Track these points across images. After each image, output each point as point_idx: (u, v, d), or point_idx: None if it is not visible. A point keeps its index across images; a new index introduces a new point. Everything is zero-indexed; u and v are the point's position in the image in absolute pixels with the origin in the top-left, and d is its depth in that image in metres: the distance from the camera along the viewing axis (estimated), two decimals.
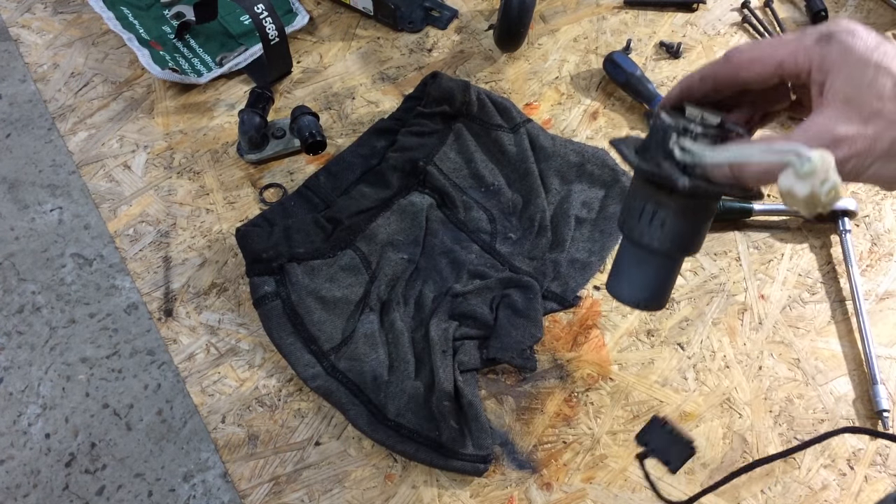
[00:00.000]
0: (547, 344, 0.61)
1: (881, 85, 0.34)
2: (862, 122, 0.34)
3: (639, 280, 0.47)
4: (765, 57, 0.38)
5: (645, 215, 0.43)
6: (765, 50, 0.38)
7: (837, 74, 0.35)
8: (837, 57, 0.35)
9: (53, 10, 0.86)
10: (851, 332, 0.62)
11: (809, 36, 0.36)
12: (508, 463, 0.56)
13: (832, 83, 0.35)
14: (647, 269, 0.46)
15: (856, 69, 0.35)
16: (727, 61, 0.39)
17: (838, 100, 0.35)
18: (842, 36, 0.35)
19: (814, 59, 0.36)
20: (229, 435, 0.58)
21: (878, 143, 0.34)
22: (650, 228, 0.43)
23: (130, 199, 0.71)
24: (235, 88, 0.78)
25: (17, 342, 1.53)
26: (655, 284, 0.47)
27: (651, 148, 0.41)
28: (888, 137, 0.34)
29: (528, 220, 0.67)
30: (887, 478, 0.55)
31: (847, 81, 0.35)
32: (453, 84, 0.70)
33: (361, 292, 0.63)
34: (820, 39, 0.36)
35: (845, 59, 0.35)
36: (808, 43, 0.36)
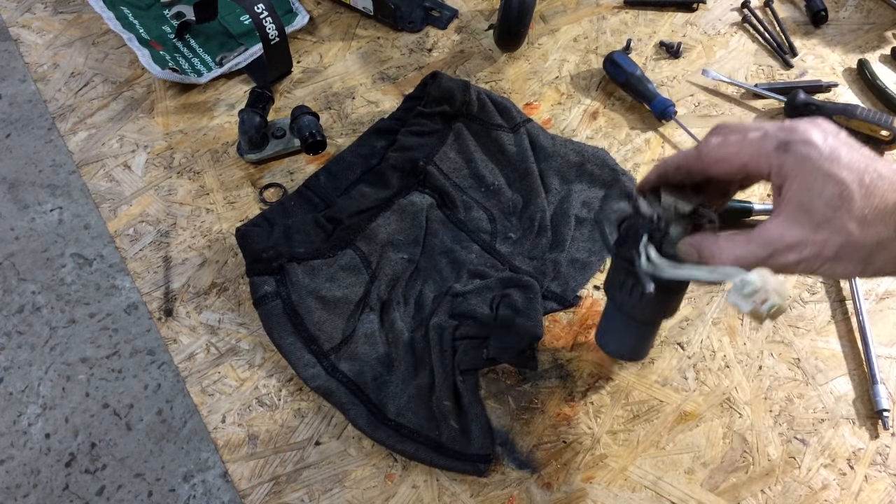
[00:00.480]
0: (547, 344, 0.61)
1: (830, 194, 0.37)
2: (812, 228, 0.38)
3: (621, 338, 0.55)
4: (731, 158, 0.41)
5: (625, 288, 0.50)
6: (731, 151, 0.41)
7: (792, 182, 0.38)
8: (793, 165, 0.38)
9: (53, 10, 0.86)
10: (851, 331, 0.62)
11: (770, 140, 0.39)
12: (508, 463, 0.56)
13: (788, 189, 0.39)
14: (629, 331, 0.54)
15: (808, 178, 0.38)
16: (699, 158, 0.43)
17: (792, 205, 0.38)
18: (798, 146, 0.38)
19: (773, 165, 0.39)
20: (229, 435, 0.58)
21: (826, 248, 0.38)
22: (630, 299, 0.50)
23: (130, 198, 0.71)
24: (235, 88, 0.78)
25: (17, 342, 1.53)
26: (636, 343, 0.55)
27: (628, 240, 0.47)
28: (834, 244, 0.38)
29: (528, 220, 0.67)
30: (887, 477, 0.55)
31: (800, 190, 0.38)
32: (453, 84, 0.70)
33: (361, 292, 0.63)
34: (779, 147, 0.39)
35: (800, 167, 0.38)
36: (768, 149, 0.39)
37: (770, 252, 0.39)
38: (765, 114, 0.75)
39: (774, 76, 0.78)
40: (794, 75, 0.78)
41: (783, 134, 0.39)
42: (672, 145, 0.73)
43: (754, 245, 0.40)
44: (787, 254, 0.39)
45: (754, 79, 0.78)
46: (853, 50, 0.80)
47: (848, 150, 0.38)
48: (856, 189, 0.37)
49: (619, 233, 0.49)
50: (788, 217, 0.39)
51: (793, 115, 0.73)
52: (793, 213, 0.38)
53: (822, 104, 0.72)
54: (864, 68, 0.77)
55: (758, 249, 0.40)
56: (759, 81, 0.77)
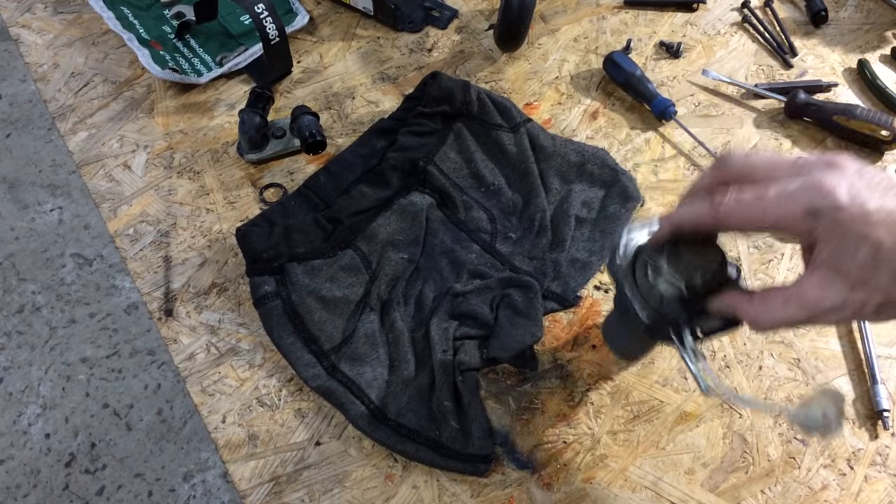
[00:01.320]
0: (547, 344, 0.61)
1: (864, 255, 0.36)
2: (850, 289, 0.37)
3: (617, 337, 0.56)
4: (754, 221, 0.39)
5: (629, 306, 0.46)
6: (753, 215, 0.39)
7: (825, 246, 0.37)
8: (824, 232, 0.37)
9: (53, 10, 0.86)
10: (851, 331, 0.62)
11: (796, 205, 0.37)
12: (508, 463, 0.56)
13: (820, 252, 0.38)
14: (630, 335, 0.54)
15: (841, 242, 0.37)
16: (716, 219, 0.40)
17: (826, 267, 0.38)
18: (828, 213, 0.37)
19: (801, 230, 0.38)
20: (229, 435, 0.58)
21: (866, 307, 0.38)
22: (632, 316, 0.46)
23: (130, 198, 0.71)
24: (235, 88, 0.78)
25: (17, 342, 1.53)
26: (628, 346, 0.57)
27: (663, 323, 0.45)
28: (874, 302, 0.37)
29: (528, 220, 0.67)
30: (887, 478, 0.55)
31: (834, 254, 0.37)
32: (453, 84, 0.70)
33: (362, 292, 0.63)
34: (807, 214, 0.37)
35: (833, 233, 0.37)
36: (796, 214, 0.37)
37: (809, 315, 0.39)
38: (765, 114, 0.75)
39: (774, 76, 0.78)
40: (794, 75, 0.78)
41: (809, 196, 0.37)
42: (672, 145, 0.73)
43: (793, 308, 0.39)
44: (827, 315, 0.38)
45: (754, 79, 0.78)
46: (853, 50, 0.80)
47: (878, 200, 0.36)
48: (889, 246, 0.36)
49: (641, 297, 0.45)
50: (824, 279, 0.38)
51: (793, 115, 0.73)
52: (827, 277, 0.38)
53: (822, 104, 0.72)
54: (864, 68, 0.77)
55: (797, 313, 0.39)
56: (759, 81, 0.77)
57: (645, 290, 0.45)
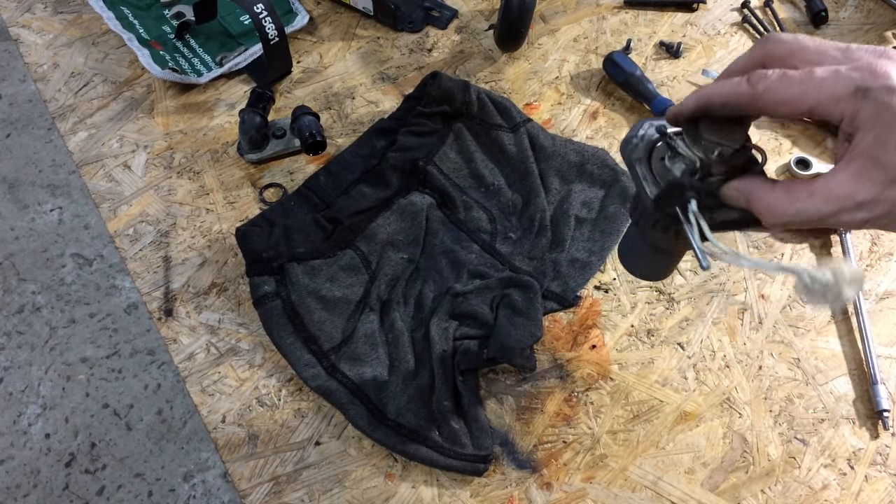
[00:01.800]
0: (547, 344, 0.61)
1: None
2: (886, 184, 0.34)
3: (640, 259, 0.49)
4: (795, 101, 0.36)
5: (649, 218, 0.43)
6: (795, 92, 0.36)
7: (868, 132, 0.34)
8: (871, 114, 0.34)
9: (53, 10, 0.86)
10: (851, 331, 0.62)
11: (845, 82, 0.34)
12: (508, 463, 0.56)
13: (861, 139, 0.34)
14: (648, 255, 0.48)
15: (887, 130, 0.34)
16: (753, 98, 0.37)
17: (864, 158, 0.34)
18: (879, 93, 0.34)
19: (845, 112, 0.35)
20: (229, 435, 0.58)
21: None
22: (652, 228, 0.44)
23: (130, 198, 0.71)
24: (235, 88, 0.78)
25: (17, 342, 1.53)
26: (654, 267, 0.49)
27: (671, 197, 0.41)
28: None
29: (528, 220, 0.67)
30: (887, 477, 0.55)
31: (876, 142, 0.34)
32: (453, 84, 0.70)
33: (361, 292, 0.63)
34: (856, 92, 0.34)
35: (879, 117, 0.34)
36: (843, 93, 0.35)
37: (836, 209, 0.35)
38: None
39: None
40: None
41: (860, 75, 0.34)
42: None
43: (818, 200, 0.35)
44: (855, 212, 0.35)
45: None
46: None
47: None
48: None
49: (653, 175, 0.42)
50: (858, 171, 0.34)
51: None
52: (864, 167, 0.34)
53: None
54: None
55: (822, 205, 0.35)
56: None
57: (659, 173, 0.41)
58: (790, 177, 0.71)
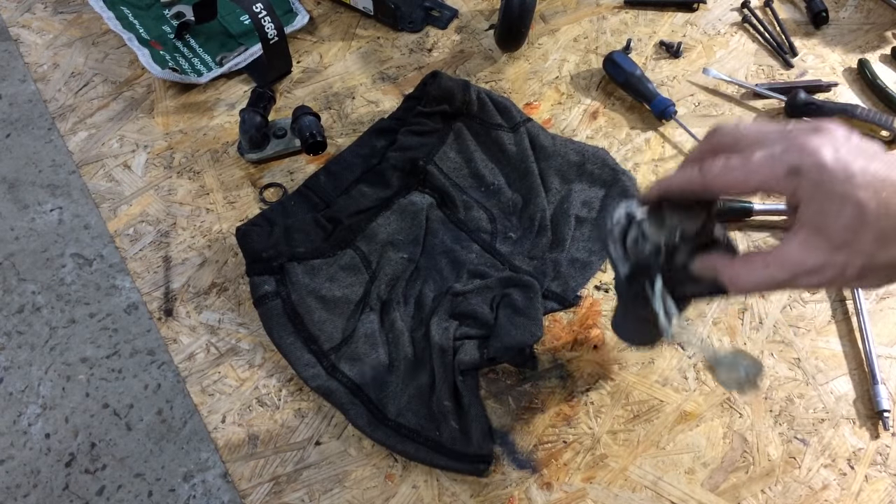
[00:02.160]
0: (547, 343, 0.61)
1: (847, 216, 0.36)
2: (832, 251, 0.37)
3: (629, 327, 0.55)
4: (739, 185, 0.39)
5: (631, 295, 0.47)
6: (738, 177, 0.39)
7: (807, 206, 0.37)
8: (807, 190, 0.37)
9: (53, 10, 0.86)
10: (852, 331, 0.62)
11: (779, 165, 0.37)
12: (508, 463, 0.56)
13: (803, 212, 0.37)
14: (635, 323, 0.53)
15: (823, 203, 0.36)
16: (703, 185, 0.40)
17: (809, 228, 0.37)
18: (810, 172, 0.36)
19: (786, 189, 0.37)
20: (229, 435, 0.58)
21: (847, 270, 0.37)
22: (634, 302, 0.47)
23: (130, 198, 0.71)
24: (235, 88, 0.78)
25: (17, 342, 1.53)
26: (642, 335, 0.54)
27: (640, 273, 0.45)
28: (856, 265, 0.36)
29: (528, 220, 0.67)
30: (887, 477, 0.55)
31: (816, 214, 0.37)
32: (453, 83, 0.70)
33: (361, 292, 0.63)
34: (789, 172, 0.37)
35: (814, 193, 0.36)
36: (778, 174, 0.37)
37: (790, 276, 0.38)
38: (765, 113, 0.75)
39: (774, 76, 0.78)
40: (795, 75, 0.78)
41: (792, 156, 0.37)
42: (672, 145, 0.73)
43: (774, 269, 0.39)
44: (808, 277, 0.38)
45: (754, 79, 0.78)
46: (853, 50, 0.80)
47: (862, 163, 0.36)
48: (873, 208, 0.35)
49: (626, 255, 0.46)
50: (805, 240, 0.38)
51: (793, 114, 0.73)
52: (810, 237, 0.37)
53: (822, 104, 0.72)
54: (865, 68, 0.77)
55: (778, 273, 0.39)
56: (760, 81, 0.77)
57: (633, 252, 0.45)
58: None
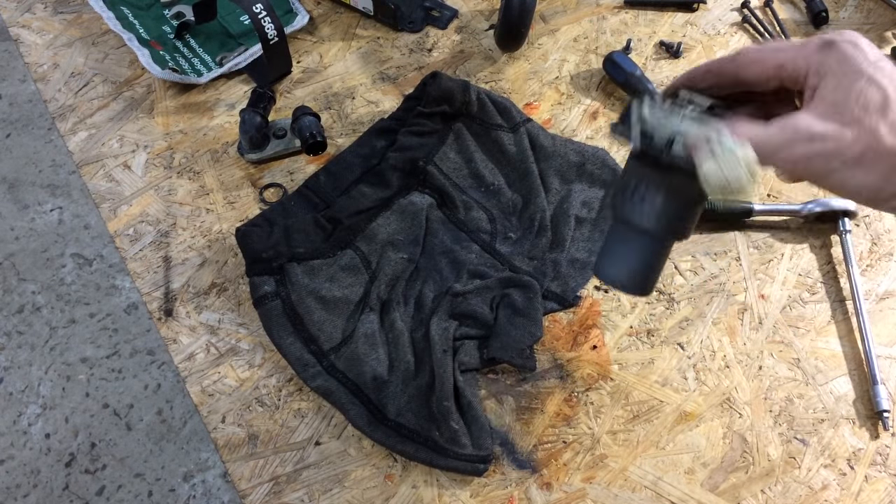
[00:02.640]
0: (547, 344, 0.61)
1: (869, 97, 0.35)
2: (840, 124, 0.36)
3: (622, 261, 0.46)
4: (766, 59, 0.39)
5: (631, 191, 0.44)
6: (767, 52, 0.39)
7: (831, 79, 0.37)
8: (834, 63, 0.36)
9: (53, 10, 0.86)
10: (852, 331, 0.62)
11: (812, 42, 0.38)
12: (508, 463, 0.56)
13: (824, 87, 0.37)
14: (632, 249, 0.45)
15: (848, 77, 0.36)
16: (732, 59, 0.41)
17: (825, 102, 0.36)
18: (843, 45, 0.36)
19: (812, 63, 0.37)
20: (229, 435, 0.58)
21: (849, 148, 0.35)
22: (635, 205, 0.44)
23: (130, 198, 0.71)
24: (235, 88, 0.78)
25: (17, 342, 1.53)
26: (639, 267, 0.46)
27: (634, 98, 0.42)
28: (860, 145, 0.35)
29: (528, 220, 0.67)
30: (887, 478, 0.55)
31: (837, 87, 0.36)
32: (453, 84, 0.70)
33: (361, 292, 0.63)
34: (822, 46, 0.37)
35: (841, 66, 0.36)
36: (809, 48, 0.38)
37: (789, 138, 0.37)
38: None
39: None
40: None
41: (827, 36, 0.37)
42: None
43: (775, 129, 0.37)
44: (807, 144, 0.36)
45: None
46: None
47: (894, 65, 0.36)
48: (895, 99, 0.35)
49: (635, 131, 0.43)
50: (818, 111, 0.36)
51: None
52: (824, 109, 0.36)
53: None
54: None
55: (777, 133, 0.37)
56: None
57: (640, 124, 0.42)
58: None
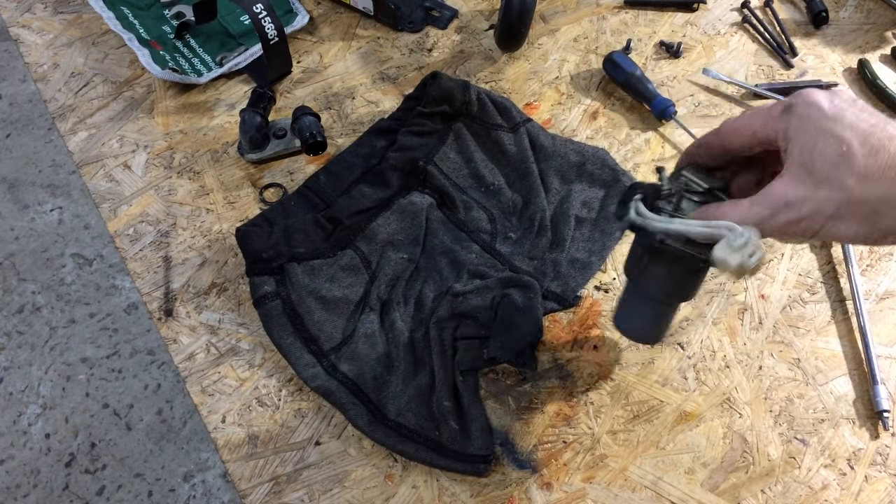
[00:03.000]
0: (547, 344, 0.61)
1: (830, 152, 0.37)
2: (813, 186, 0.38)
3: (636, 316, 0.54)
4: (743, 128, 0.43)
5: (637, 260, 0.50)
6: (743, 122, 0.43)
7: (796, 143, 0.39)
8: (796, 126, 0.39)
9: (53, 10, 0.86)
10: (852, 331, 0.62)
11: (776, 108, 0.41)
12: (508, 463, 0.56)
13: (791, 150, 0.39)
14: (644, 311, 0.53)
15: (809, 138, 0.38)
16: (716, 133, 0.44)
17: (795, 166, 0.39)
18: (800, 108, 0.39)
19: (778, 129, 0.40)
20: (229, 435, 0.58)
21: (826, 205, 0.38)
22: (642, 274, 0.50)
23: (130, 198, 0.71)
24: (235, 88, 0.78)
25: (17, 342, 1.53)
26: (648, 324, 0.54)
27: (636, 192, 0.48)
28: (834, 201, 0.38)
29: (528, 220, 0.67)
30: (887, 478, 0.55)
31: (802, 150, 0.39)
32: (453, 84, 0.70)
33: (361, 292, 0.63)
34: (783, 112, 0.40)
35: (802, 128, 0.39)
36: (774, 114, 0.40)
37: (771, 211, 0.40)
38: None
39: (774, 76, 0.78)
40: (795, 75, 0.78)
41: (788, 100, 0.40)
42: (672, 145, 0.73)
43: (757, 206, 0.40)
44: (787, 211, 0.39)
45: (754, 79, 0.78)
46: (853, 50, 0.80)
47: (856, 113, 0.38)
48: (857, 147, 0.37)
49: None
50: (790, 177, 0.39)
51: None
52: (795, 173, 0.39)
53: None
54: (865, 68, 0.77)
55: (760, 209, 0.40)
56: (760, 81, 0.77)
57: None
58: None
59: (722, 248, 0.41)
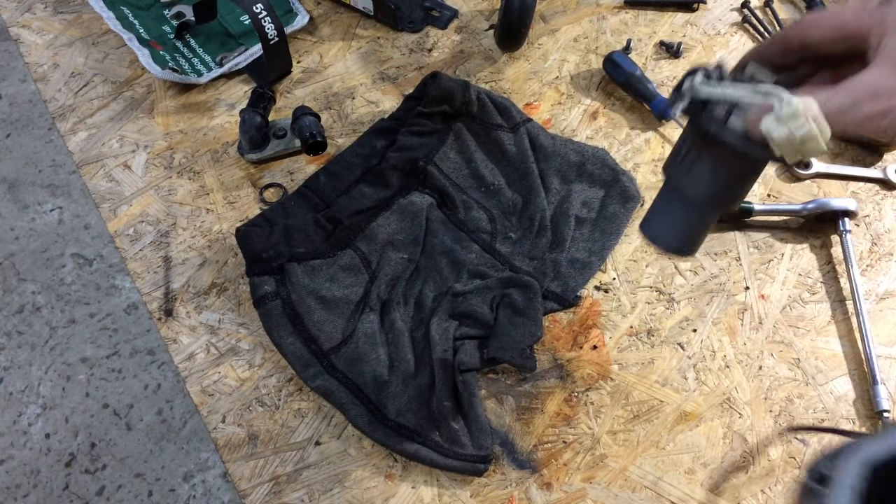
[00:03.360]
0: (547, 344, 0.61)
1: None
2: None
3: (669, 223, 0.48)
4: (830, 18, 0.39)
5: (681, 158, 0.45)
6: (829, 13, 0.39)
7: (892, 35, 0.36)
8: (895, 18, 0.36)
9: (53, 10, 0.86)
10: (852, 331, 0.62)
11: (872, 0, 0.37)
12: (508, 463, 0.56)
13: (887, 43, 0.36)
14: (678, 214, 0.47)
15: None
16: (796, 25, 0.41)
17: (889, 58, 0.36)
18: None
19: (873, 20, 0.37)
20: (229, 435, 0.58)
21: None
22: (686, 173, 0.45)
23: (130, 198, 0.71)
24: (235, 88, 0.78)
25: (17, 342, 1.53)
26: (684, 232, 0.48)
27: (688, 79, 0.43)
28: None
29: (528, 220, 0.67)
30: None
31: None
32: (453, 84, 0.70)
33: (361, 292, 0.63)
34: (883, 2, 0.37)
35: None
36: (870, 6, 0.37)
37: (855, 100, 0.36)
38: None
39: None
40: None
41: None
42: (672, 145, 0.73)
43: (841, 94, 0.36)
44: (873, 102, 0.36)
45: None
46: None
47: None
48: None
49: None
50: (883, 67, 0.36)
51: None
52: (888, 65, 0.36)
53: None
54: None
55: (842, 97, 0.36)
56: None
57: None
58: (791, 176, 0.71)
59: (769, 120, 0.36)
